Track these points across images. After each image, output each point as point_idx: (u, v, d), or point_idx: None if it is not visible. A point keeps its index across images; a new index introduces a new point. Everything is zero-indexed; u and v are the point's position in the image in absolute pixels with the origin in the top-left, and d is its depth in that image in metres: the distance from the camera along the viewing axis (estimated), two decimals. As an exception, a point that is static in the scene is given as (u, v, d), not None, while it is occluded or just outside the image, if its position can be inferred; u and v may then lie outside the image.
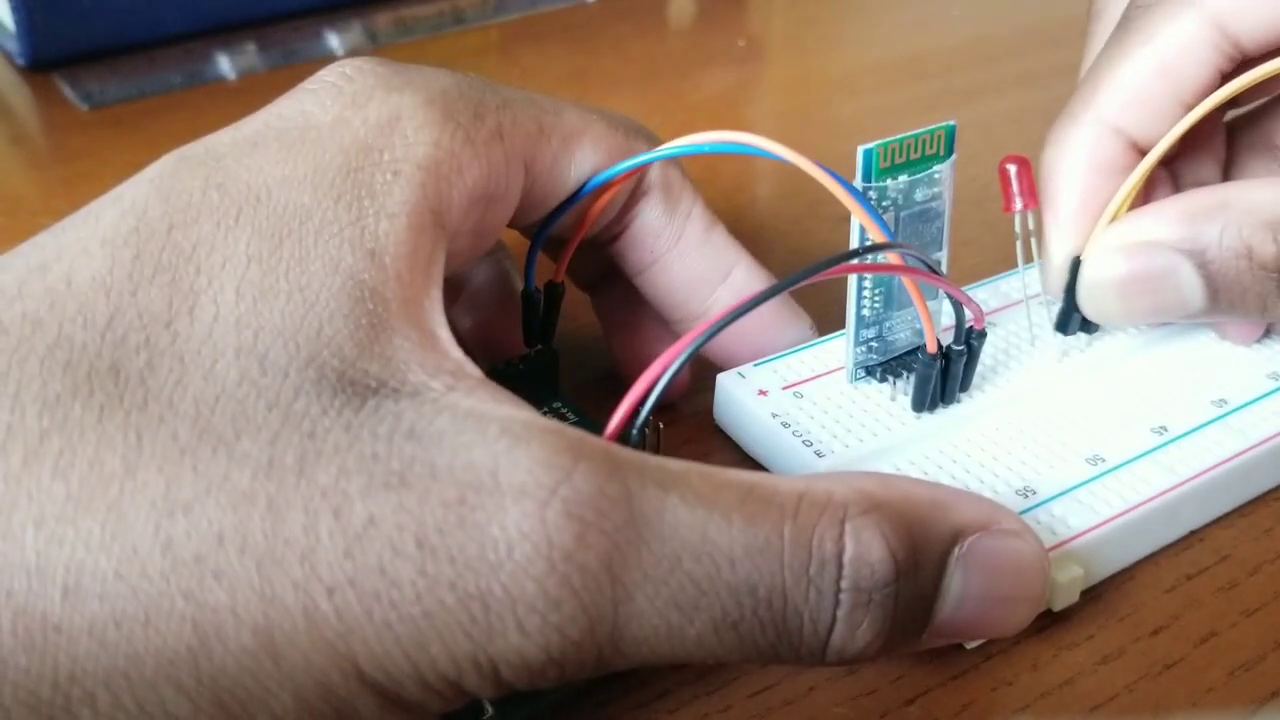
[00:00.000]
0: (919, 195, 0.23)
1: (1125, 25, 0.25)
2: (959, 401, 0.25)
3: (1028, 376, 0.25)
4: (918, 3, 0.51)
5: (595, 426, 0.19)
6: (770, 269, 0.25)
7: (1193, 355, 0.26)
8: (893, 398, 0.25)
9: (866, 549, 0.17)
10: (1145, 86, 0.25)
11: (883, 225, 0.21)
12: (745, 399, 0.25)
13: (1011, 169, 0.25)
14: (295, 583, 0.15)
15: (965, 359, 0.24)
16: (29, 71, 0.42)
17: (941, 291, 0.24)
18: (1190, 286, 0.24)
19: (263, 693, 0.15)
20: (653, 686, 0.20)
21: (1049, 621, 0.22)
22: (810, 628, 0.17)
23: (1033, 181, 0.25)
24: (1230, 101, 0.25)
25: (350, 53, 0.44)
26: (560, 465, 0.16)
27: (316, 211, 0.18)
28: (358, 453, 0.15)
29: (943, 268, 0.24)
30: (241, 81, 0.42)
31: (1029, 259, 0.26)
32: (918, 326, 0.25)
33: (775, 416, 0.24)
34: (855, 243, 0.22)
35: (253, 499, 0.15)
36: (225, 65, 0.43)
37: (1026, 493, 0.22)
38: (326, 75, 0.20)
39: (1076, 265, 0.25)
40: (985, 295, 0.28)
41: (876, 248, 0.21)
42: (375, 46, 0.45)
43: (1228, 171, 0.28)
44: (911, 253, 0.21)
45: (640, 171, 0.24)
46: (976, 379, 0.25)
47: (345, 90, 0.20)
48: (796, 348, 0.26)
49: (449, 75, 0.21)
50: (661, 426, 0.20)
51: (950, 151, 0.23)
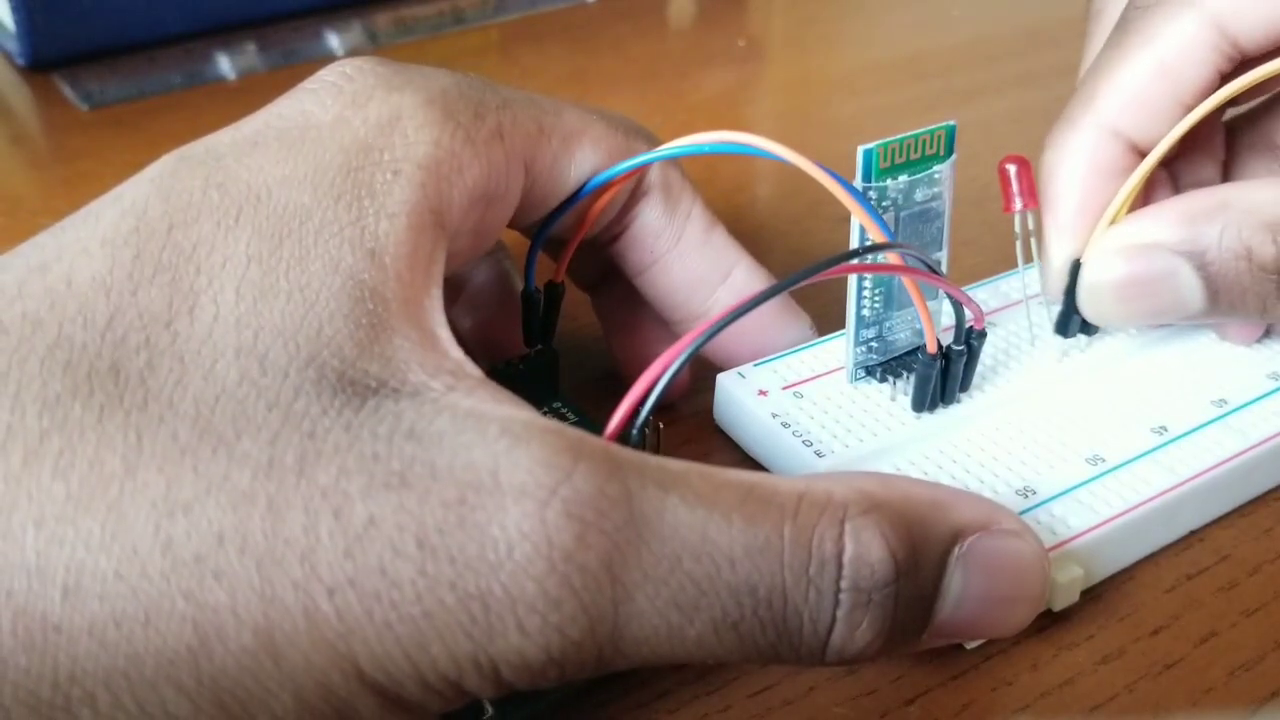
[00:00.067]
0: (919, 195, 0.23)
1: (1124, 27, 0.25)
2: (959, 401, 0.25)
3: (1028, 376, 0.25)
4: (918, 3, 0.51)
5: (595, 426, 0.19)
6: (770, 269, 0.25)
7: (1193, 355, 0.26)
8: (893, 398, 0.25)
9: (866, 549, 0.17)
10: (1145, 89, 0.25)
11: (883, 225, 0.21)
12: (745, 399, 0.25)
13: (1011, 169, 0.25)
14: (295, 583, 0.15)
15: (965, 359, 0.24)
16: (29, 71, 0.42)
17: (941, 291, 0.24)
18: (1190, 288, 0.24)
19: (263, 693, 0.15)
20: (653, 686, 0.20)
21: (1049, 621, 0.22)
22: (810, 628, 0.17)
23: (1032, 181, 0.25)
24: (1229, 100, 0.25)
25: (350, 53, 0.44)
26: (560, 465, 0.16)
27: (316, 211, 0.18)
28: (358, 453, 0.15)
29: (943, 268, 0.24)
30: (241, 81, 0.42)
31: (1029, 259, 0.26)
32: (918, 326, 0.25)
33: (775, 416, 0.24)
34: (855, 243, 0.22)
35: (253, 499, 0.15)
36: (225, 65, 0.43)
37: (1026, 493, 0.22)
38: (326, 75, 0.20)
39: (1076, 268, 0.25)
40: (985, 295, 0.28)
41: (876, 248, 0.21)
42: (375, 46, 0.45)
43: (1228, 171, 0.28)
44: (911, 253, 0.21)
45: (640, 172, 0.24)
46: (976, 379, 0.25)
47: (345, 90, 0.20)
48: (796, 348, 0.26)
49: (449, 75, 0.21)
50: (661, 426, 0.20)
51: (950, 151, 0.23)
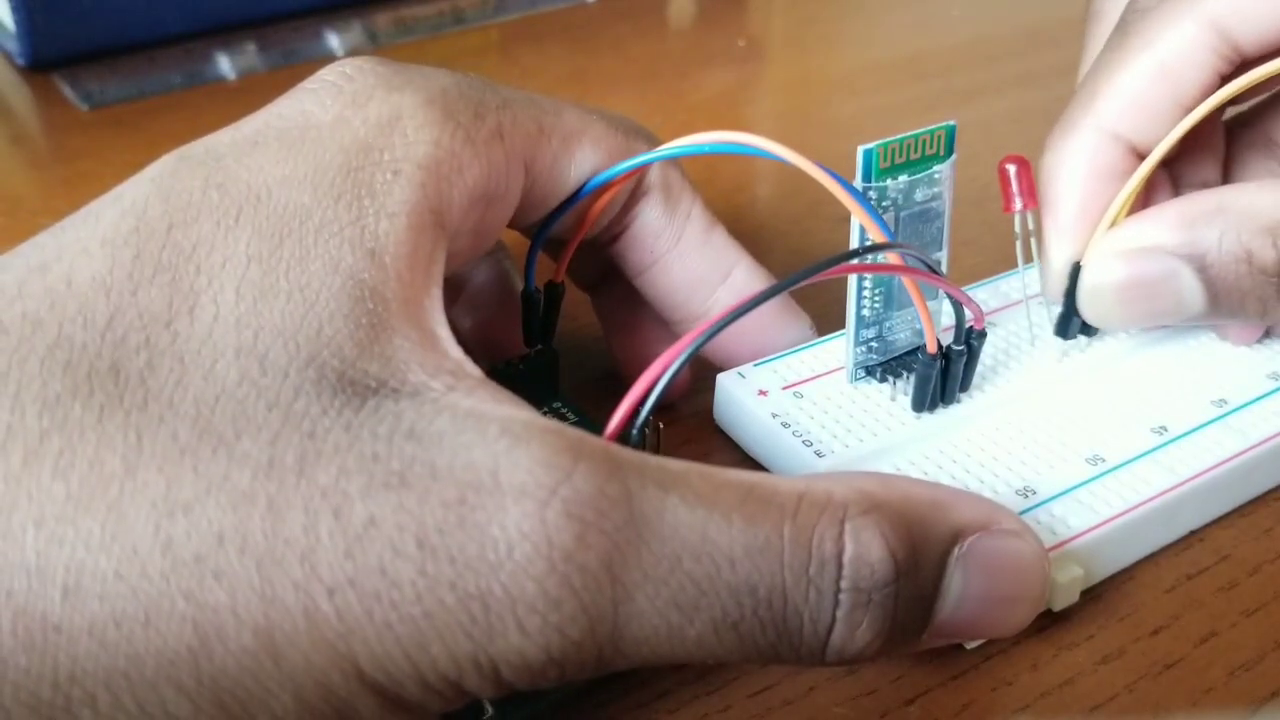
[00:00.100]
0: (919, 195, 0.23)
1: (1123, 29, 0.25)
2: (959, 401, 0.25)
3: (1028, 376, 0.25)
4: (918, 3, 0.51)
5: (595, 426, 0.19)
6: (770, 269, 0.25)
7: (1193, 355, 0.26)
8: (893, 398, 0.25)
9: (866, 549, 0.17)
10: (1144, 91, 0.25)
11: (883, 225, 0.21)
12: (745, 399, 0.25)
13: (1011, 169, 0.25)
14: (295, 583, 0.15)
15: (965, 359, 0.24)
16: (29, 71, 0.42)
17: (941, 291, 0.24)
18: (1190, 291, 0.24)
19: (263, 693, 0.15)
20: (653, 686, 0.20)
21: (1049, 621, 0.22)
22: (810, 628, 0.17)
23: (1032, 181, 0.25)
24: (1229, 101, 0.25)
25: (350, 53, 0.44)
26: (560, 465, 0.16)
27: (316, 211, 0.18)
28: (358, 453, 0.15)
29: (943, 268, 0.24)
30: (241, 81, 0.42)
31: (1029, 259, 0.26)
32: (918, 326, 0.25)
33: (775, 416, 0.24)
34: (855, 243, 0.22)
35: (253, 499, 0.15)
36: (225, 65, 0.43)
37: (1026, 493, 0.22)
38: (326, 75, 0.20)
39: (1076, 271, 0.25)
40: (985, 295, 0.28)
41: (876, 248, 0.21)
42: (375, 46, 0.45)
43: (1228, 170, 0.28)
44: (911, 253, 0.21)
45: (640, 172, 0.24)
46: (976, 379, 0.25)
47: (345, 90, 0.20)
48: (796, 348, 0.26)
49: (449, 75, 0.21)
50: (661, 426, 0.20)
51: (950, 151, 0.23)
